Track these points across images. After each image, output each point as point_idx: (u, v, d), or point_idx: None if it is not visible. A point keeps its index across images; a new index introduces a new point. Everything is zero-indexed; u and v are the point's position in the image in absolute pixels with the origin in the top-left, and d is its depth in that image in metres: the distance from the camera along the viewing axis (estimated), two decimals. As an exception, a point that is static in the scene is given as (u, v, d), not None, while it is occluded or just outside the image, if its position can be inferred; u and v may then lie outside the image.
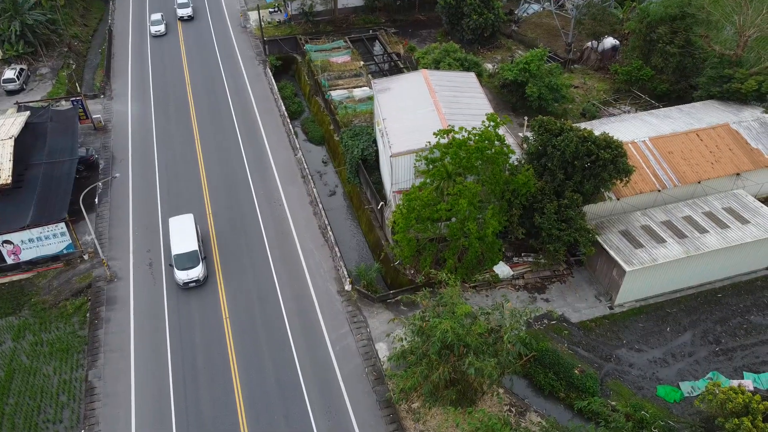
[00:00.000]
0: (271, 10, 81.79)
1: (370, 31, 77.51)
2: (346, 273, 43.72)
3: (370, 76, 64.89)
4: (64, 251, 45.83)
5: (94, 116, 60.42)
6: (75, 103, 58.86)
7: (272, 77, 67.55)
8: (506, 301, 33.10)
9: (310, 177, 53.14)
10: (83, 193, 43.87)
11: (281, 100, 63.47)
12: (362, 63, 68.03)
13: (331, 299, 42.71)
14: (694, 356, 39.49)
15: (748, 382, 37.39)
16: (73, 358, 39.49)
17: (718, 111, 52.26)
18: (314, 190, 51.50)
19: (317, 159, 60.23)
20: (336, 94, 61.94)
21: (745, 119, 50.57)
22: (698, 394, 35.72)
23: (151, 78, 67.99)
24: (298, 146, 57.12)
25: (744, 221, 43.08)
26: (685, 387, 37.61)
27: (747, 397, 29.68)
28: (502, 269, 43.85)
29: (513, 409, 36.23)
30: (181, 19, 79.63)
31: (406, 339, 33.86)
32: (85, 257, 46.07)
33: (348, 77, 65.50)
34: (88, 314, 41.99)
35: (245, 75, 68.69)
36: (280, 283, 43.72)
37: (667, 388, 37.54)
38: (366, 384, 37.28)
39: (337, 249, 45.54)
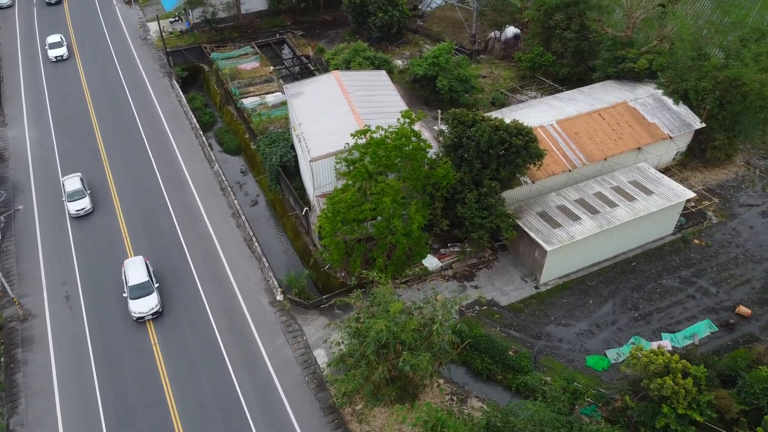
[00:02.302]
0: (171, 19, 78.97)
1: (277, 34, 76.40)
2: (276, 283, 43.09)
3: (281, 80, 64.09)
4: (-32, 294, 42.64)
5: (-13, 145, 56.50)
6: (-36, 134, 54.73)
7: (180, 89, 65.33)
8: (435, 294, 33.68)
9: (229, 189, 51.88)
10: (-17, 230, 40.97)
11: (191, 112, 61.53)
12: (272, 68, 67.07)
13: (264, 311, 42.00)
14: (616, 324, 41.76)
15: (665, 343, 39.96)
16: (-11, 407, 36.86)
17: (616, 90, 55.30)
18: (235, 201, 50.35)
19: (235, 169, 58.87)
20: (248, 102, 60.78)
21: (640, 96, 53.81)
22: (623, 360, 37.88)
23: (48, 100, 64.13)
24: (213, 158, 55.61)
25: (648, 192, 45.87)
26: (612, 354, 39.72)
27: (666, 358, 31.82)
28: (430, 262, 44.64)
29: (455, 398, 37.02)
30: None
31: (343, 342, 33.80)
32: (-7, 298, 43.06)
33: (259, 83, 64.43)
34: (2, 358, 39.22)
35: (150, 89, 66.08)
36: (209, 301, 42.52)
37: (595, 358, 39.50)
38: (308, 392, 36.97)
39: (264, 259, 44.78)
